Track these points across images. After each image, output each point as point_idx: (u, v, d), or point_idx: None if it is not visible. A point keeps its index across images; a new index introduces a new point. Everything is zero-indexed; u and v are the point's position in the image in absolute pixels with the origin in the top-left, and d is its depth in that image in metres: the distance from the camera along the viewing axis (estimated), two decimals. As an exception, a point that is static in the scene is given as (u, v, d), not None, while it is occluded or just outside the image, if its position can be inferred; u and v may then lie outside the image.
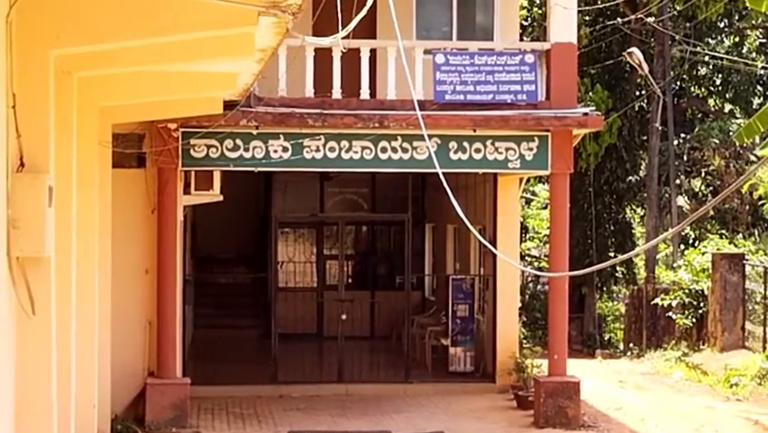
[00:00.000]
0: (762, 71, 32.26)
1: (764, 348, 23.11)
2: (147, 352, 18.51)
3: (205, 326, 24.91)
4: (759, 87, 33.56)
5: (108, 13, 9.04)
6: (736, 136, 25.24)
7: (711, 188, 33.54)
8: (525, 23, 28.40)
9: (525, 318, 22.81)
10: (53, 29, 8.72)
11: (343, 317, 21.96)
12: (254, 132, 18.37)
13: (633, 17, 31.28)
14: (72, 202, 10.92)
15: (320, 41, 16.98)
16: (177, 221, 18.60)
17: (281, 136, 18.48)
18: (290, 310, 25.09)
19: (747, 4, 24.53)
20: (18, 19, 7.94)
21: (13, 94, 7.93)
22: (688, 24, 32.31)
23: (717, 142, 32.28)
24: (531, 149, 18.92)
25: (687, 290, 27.43)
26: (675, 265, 29.45)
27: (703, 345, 26.13)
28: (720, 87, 34.10)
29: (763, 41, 34.19)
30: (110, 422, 16.44)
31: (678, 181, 31.86)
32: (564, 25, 19.10)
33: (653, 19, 31.45)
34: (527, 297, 24.88)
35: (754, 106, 32.23)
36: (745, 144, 30.37)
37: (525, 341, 22.15)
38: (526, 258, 26.25)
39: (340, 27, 13.85)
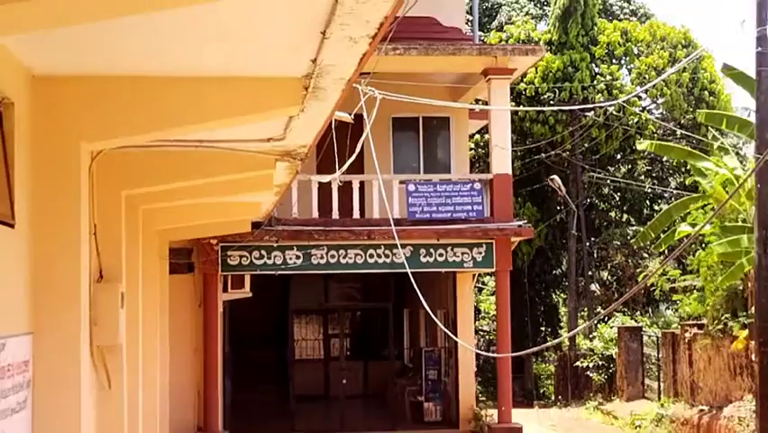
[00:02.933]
0: (649, 190, 33.07)
1: (659, 398, 23.57)
2: (196, 412, 18.93)
3: (240, 391, 24.35)
4: (647, 202, 34.02)
5: (165, 164, 9.42)
6: (635, 241, 26.31)
7: (615, 277, 33.70)
8: (474, 160, 28.86)
9: (480, 379, 22.77)
10: (123, 177, 9.12)
11: (344, 381, 22.71)
12: (274, 244, 19.16)
13: (552, 153, 31.52)
14: (139, 302, 10.81)
15: (322, 178, 18.64)
16: (217, 313, 19.22)
17: (294, 247, 19.32)
18: (304, 377, 26.28)
19: (636, 146, 26.89)
20: (98, 170, 7.98)
21: (95, 224, 7.94)
22: (593, 157, 32.87)
23: (618, 243, 32.42)
24: (480, 253, 19.75)
25: (600, 355, 28.21)
26: (591, 336, 29.45)
27: (613, 396, 26.56)
28: (619, 203, 34.62)
29: (649, 168, 34.54)
30: None
31: (590, 273, 32.10)
32: (502, 161, 20.08)
33: (567, 153, 32.21)
34: (481, 361, 24.75)
35: (644, 216, 32.86)
36: (642, 245, 29.85)
37: (480, 396, 22.29)
38: (479, 332, 26.54)
39: (337, 167, 14.62)
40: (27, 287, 6.60)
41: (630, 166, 33.93)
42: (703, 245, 21.43)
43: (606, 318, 29.97)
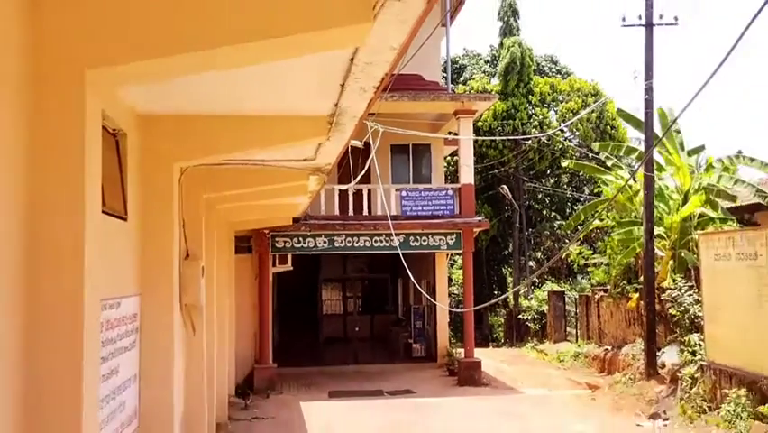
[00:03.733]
0: (569, 195, 32.85)
1: (577, 341, 23.63)
2: (254, 349, 18.59)
3: (284, 335, 24.76)
4: (568, 204, 33.54)
5: (232, 177, 9.29)
6: (560, 231, 27.83)
7: (545, 256, 33.36)
8: (447, 174, 27.99)
9: (451, 327, 22.49)
10: (203, 185, 8.94)
11: (357, 329, 22.93)
12: (308, 233, 18.86)
13: (502, 169, 31.98)
14: (214, 274, 10.80)
15: (341, 186, 18.80)
16: (269, 281, 18.94)
17: (322, 235, 18.99)
18: (329, 326, 26.96)
19: (561, 164, 26.95)
20: (185, 180, 7.90)
21: (183, 218, 7.85)
22: (530, 172, 32.71)
23: (548, 233, 32.62)
24: (452, 239, 19.47)
25: (535, 310, 28.14)
26: (529, 297, 29.39)
27: (545, 339, 26.56)
28: (548, 204, 33.89)
29: (570, 179, 34.10)
30: (234, 388, 16.48)
31: (528, 254, 31.70)
32: (467, 175, 19.88)
33: (512, 170, 32.17)
34: (453, 315, 24.19)
35: (566, 214, 32.43)
36: (564, 234, 30.49)
37: (452, 339, 21.97)
38: (451, 295, 26.09)
39: (352, 179, 15.55)
40: (136, 262, 6.69)
41: (556, 178, 33.37)
42: (608, 234, 21.34)
43: (539, 285, 29.77)
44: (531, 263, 30.15)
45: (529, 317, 28.21)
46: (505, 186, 30.17)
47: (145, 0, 3.64)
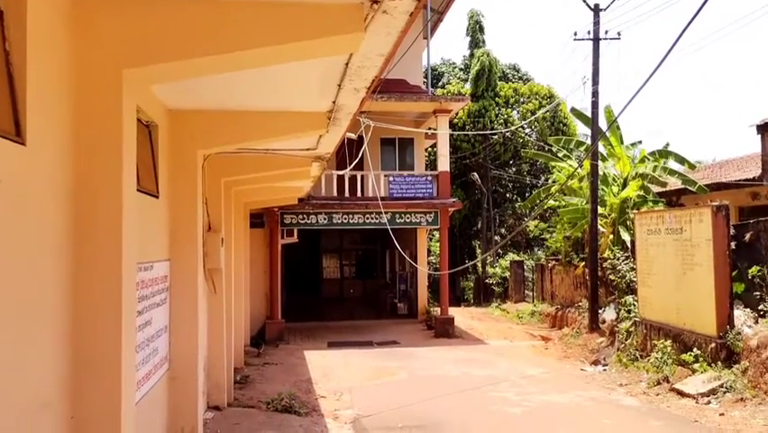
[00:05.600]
0: (528, 181, 32.35)
1: (533, 301, 23.67)
2: (266, 307, 18.40)
3: (291, 296, 24.53)
4: (528, 188, 32.76)
5: (247, 163, 9.21)
6: (518, 208, 27.72)
7: (508, 232, 32.47)
8: (427, 163, 26.72)
9: (430, 290, 22.22)
10: (223, 170, 8.96)
11: (351, 291, 23.26)
12: (311, 211, 18.59)
13: (473, 159, 31.62)
14: (232, 244, 10.68)
15: (339, 172, 18.47)
16: (278, 251, 18.78)
17: (323, 213, 18.71)
18: (328, 288, 26.86)
19: (521, 153, 26.85)
20: (207, 166, 8.00)
21: (205, 197, 8.00)
22: (497, 162, 32.30)
23: (510, 212, 32.21)
24: (431, 217, 19.25)
25: (500, 276, 28.17)
26: (495, 265, 29.27)
27: (507, 300, 26.46)
28: (511, 189, 33.32)
29: (530, 168, 33.44)
30: (249, 339, 16.33)
31: (494, 230, 31.23)
32: (444, 163, 19.56)
33: (482, 160, 31.77)
34: (432, 280, 24.58)
35: (525, 197, 31.59)
36: (521, 213, 30.35)
37: (430, 300, 21.66)
38: (430, 263, 25.42)
39: (348, 166, 15.48)
40: (166, 233, 6.67)
41: (518, 167, 32.79)
42: (558, 214, 21.04)
43: (503, 255, 29.71)
44: (496, 238, 29.80)
45: (494, 282, 28.20)
46: (475, 173, 29.96)
47: (174, 9, 3.64)
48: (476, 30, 34.92)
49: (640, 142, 20.21)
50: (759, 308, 11.27)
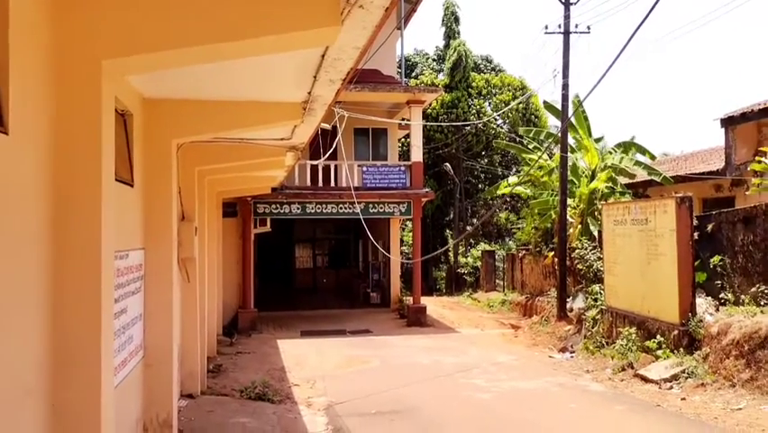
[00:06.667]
0: (500, 172, 32.22)
1: (504, 290, 23.82)
2: (239, 296, 18.31)
3: (263, 285, 24.35)
4: (500, 179, 31.74)
5: (221, 152, 9.14)
6: (484, 195, 27.53)
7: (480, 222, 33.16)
8: (401, 153, 26.62)
9: (403, 279, 22.05)
10: (196, 159, 8.91)
11: (324, 280, 22.99)
12: (284, 201, 18.49)
13: (446, 150, 31.67)
14: (206, 233, 10.82)
15: (312, 162, 18.50)
16: (251, 240, 18.61)
17: (296, 203, 18.64)
18: (301, 278, 26.71)
19: (493, 144, 26.90)
20: (181, 155, 7.97)
21: (179, 186, 7.95)
22: (469, 152, 32.45)
23: (482, 203, 32.32)
24: (404, 207, 19.31)
25: (471, 266, 28.30)
26: (466, 255, 29.48)
27: (478, 289, 26.57)
28: (483, 179, 33.39)
29: (501, 159, 33.67)
30: (222, 328, 16.22)
31: (466, 219, 31.36)
32: (417, 154, 19.68)
33: (454, 150, 31.90)
34: (404, 269, 24.47)
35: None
36: (490, 200, 30.46)
37: (403, 289, 21.62)
38: (403, 253, 25.30)
39: (321, 156, 15.56)
40: (141, 222, 6.63)
41: (490, 158, 33.01)
42: (529, 204, 21.29)
43: (474, 245, 29.80)
44: (468, 228, 29.85)
45: (466, 272, 28.18)
46: (448, 164, 30.06)
47: (152, 2, 3.67)
48: (451, 21, 34.88)
49: (602, 138, 20.38)
50: (720, 296, 11.63)
